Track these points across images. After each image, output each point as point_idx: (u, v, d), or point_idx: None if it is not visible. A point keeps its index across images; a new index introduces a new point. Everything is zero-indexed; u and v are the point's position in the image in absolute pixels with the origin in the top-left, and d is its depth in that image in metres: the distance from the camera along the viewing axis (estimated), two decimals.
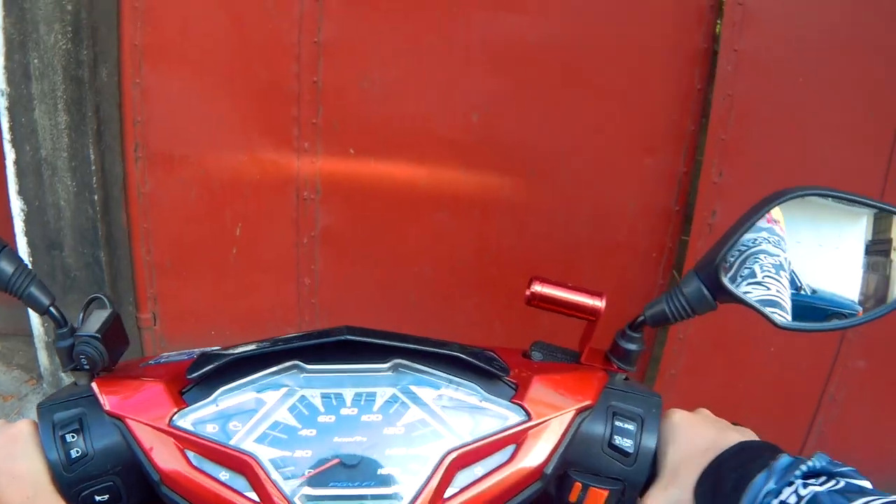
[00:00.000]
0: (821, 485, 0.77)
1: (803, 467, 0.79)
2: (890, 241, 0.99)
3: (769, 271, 0.95)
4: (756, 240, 0.95)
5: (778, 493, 0.79)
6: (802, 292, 0.98)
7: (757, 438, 0.92)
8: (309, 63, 3.04)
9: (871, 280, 0.99)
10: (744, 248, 0.95)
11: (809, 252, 0.98)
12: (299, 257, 3.34)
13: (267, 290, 3.44)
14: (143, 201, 3.12)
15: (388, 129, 3.12)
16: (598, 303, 1.01)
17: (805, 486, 0.77)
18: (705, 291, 0.94)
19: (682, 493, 0.90)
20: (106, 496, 0.94)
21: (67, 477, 0.92)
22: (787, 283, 0.96)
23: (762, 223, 0.94)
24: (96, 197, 3.01)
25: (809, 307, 0.98)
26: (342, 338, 0.92)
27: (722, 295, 0.94)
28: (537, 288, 1.01)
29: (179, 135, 3.11)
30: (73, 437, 0.93)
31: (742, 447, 0.89)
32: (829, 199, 0.95)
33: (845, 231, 1.00)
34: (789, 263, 0.96)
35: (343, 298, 3.45)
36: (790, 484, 0.78)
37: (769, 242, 0.95)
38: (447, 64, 3.02)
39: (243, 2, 3.00)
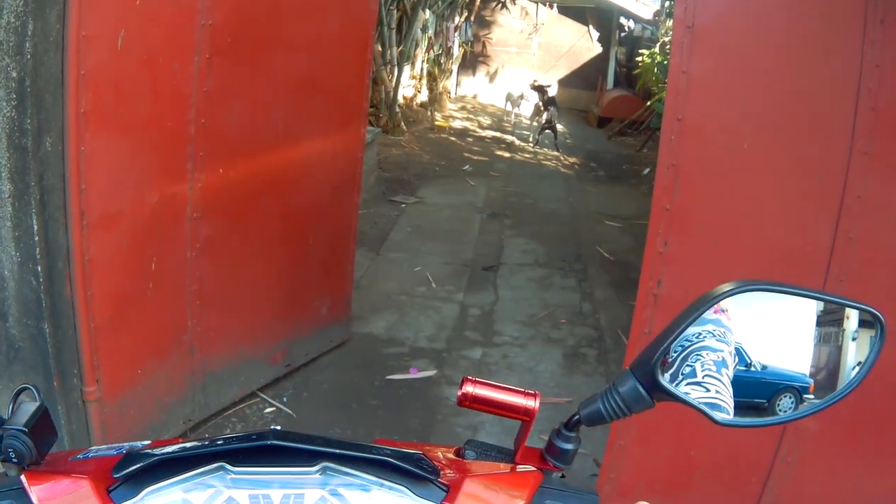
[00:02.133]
0: None
1: None
2: (840, 319, 1.00)
3: (710, 370, 0.96)
4: (700, 334, 0.96)
5: None
6: (752, 369, 0.99)
7: None
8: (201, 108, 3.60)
9: (822, 352, 1.00)
10: (687, 344, 0.96)
11: (760, 328, 0.98)
12: (189, 269, 3.81)
13: (169, 306, 3.79)
14: (88, 268, 3.14)
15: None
16: (532, 403, 1.03)
17: None
18: (642, 391, 0.96)
19: None
20: None
21: None
22: (728, 383, 0.96)
23: (708, 315, 0.95)
24: (40, 268, 2.97)
25: (760, 383, 0.99)
26: (267, 443, 0.92)
27: (659, 394, 0.96)
28: (469, 389, 1.05)
29: (114, 194, 3.26)
30: None
31: None
32: (771, 293, 0.96)
33: (795, 306, 1.00)
34: (735, 355, 0.97)
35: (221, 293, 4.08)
36: None
37: (713, 336, 0.96)
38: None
39: (158, 63, 3.36)
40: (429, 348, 5.56)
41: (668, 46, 13.91)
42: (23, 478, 0.96)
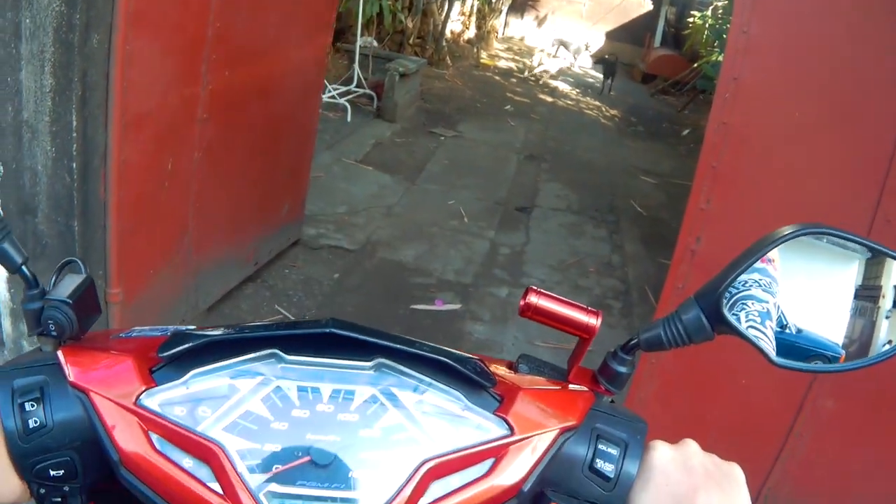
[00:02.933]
0: None
1: None
2: (879, 288, 0.97)
3: (754, 320, 0.93)
4: (746, 282, 0.93)
5: None
6: (787, 331, 0.96)
7: (729, 500, 0.90)
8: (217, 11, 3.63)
9: (857, 325, 0.98)
10: (733, 291, 0.93)
11: (799, 291, 0.97)
12: (195, 170, 3.85)
13: (178, 207, 3.86)
14: (123, 169, 3.16)
15: None
16: (594, 321, 0.98)
17: None
18: (704, 321, 0.92)
19: None
20: (61, 471, 0.89)
21: (23, 447, 0.87)
22: (771, 336, 0.94)
23: (756, 263, 0.92)
24: (75, 164, 2.96)
25: (792, 346, 0.97)
26: (327, 330, 0.88)
27: (721, 326, 0.92)
28: (532, 299, 0.99)
29: (147, 94, 3.29)
30: (32, 405, 0.88)
31: None
32: (833, 237, 0.93)
33: (837, 274, 0.99)
34: (777, 308, 0.95)
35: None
36: None
37: (759, 286, 0.94)
38: None
39: None
40: (456, 282, 5.56)
41: (720, 10, 13.76)
42: (59, 353, 0.91)
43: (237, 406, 0.86)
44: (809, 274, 0.98)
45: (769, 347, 0.92)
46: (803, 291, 0.97)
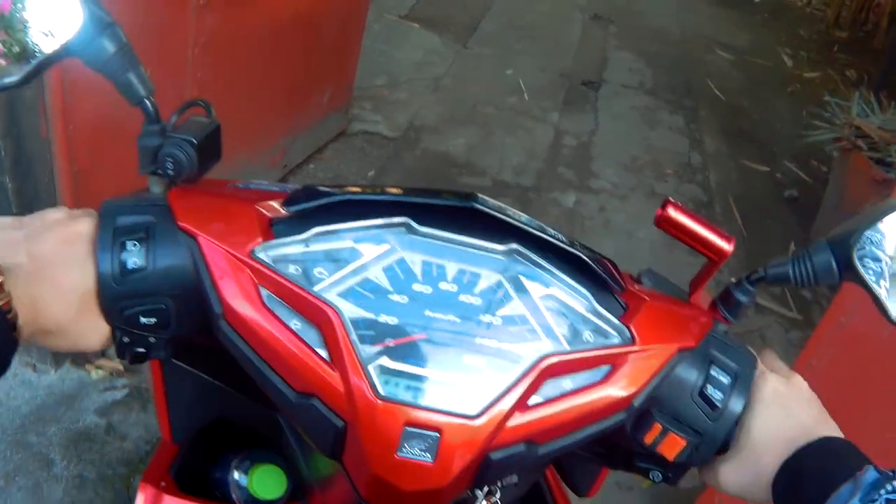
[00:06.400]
0: None
1: (891, 485, 0.74)
2: None
3: (879, 274, 0.90)
4: (876, 237, 0.90)
5: None
6: None
7: (840, 435, 0.88)
8: None
9: None
10: (864, 241, 0.90)
11: None
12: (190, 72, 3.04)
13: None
14: (68, 92, 2.32)
15: None
16: (727, 245, 0.96)
17: None
18: (834, 266, 0.90)
19: (758, 479, 0.88)
20: (153, 319, 0.84)
21: (116, 289, 0.82)
22: (885, 293, 0.90)
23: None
24: None
25: None
26: (469, 204, 0.85)
27: (847, 273, 0.90)
28: (670, 211, 0.95)
29: None
30: (134, 245, 0.82)
31: (827, 445, 0.85)
32: None
33: None
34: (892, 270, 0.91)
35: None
36: (874, 501, 0.74)
37: (874, 245, 0.90)
38: None
39: None
40: (514, 184, 4.72)
41: None
42: (171, 193, 0.87)
43: (357, 272, 0.84)
44: None
45: (891, 305, 0.90)
46: None
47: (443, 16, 6.92)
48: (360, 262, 0.84)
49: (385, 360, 0.80)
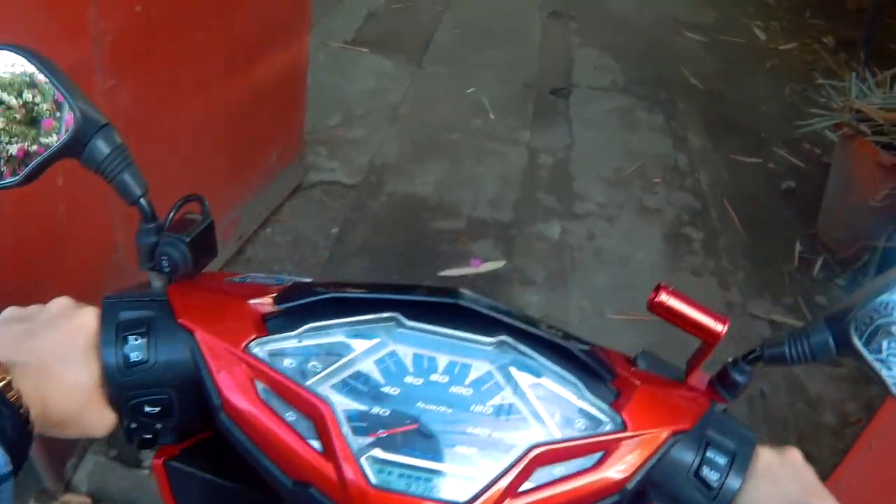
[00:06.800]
0: None
1: None
2: None
3: (894, 351, 0.87)
4: (889, 304, 0.87)
5: None
6: None
7: None
8: None
9: None
10: (875, 315, 0.88)
11: None
12: None
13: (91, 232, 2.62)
14: None
15: None
16: (721, 327, 0.96)
17: None
18: (832, 344, 0.90)
19: None
20: (157, 409, 0.90)
21: (121, 381, 0.88)
22: (886, 369, 0.88)
23: None
24: None
25: None
26: (454, 301, 0.89)
27: (846, 350, 0.90)
28: (664, 297, 0.96)
29: None
30: (136, 339, 0.87)
31: None
32: None
33: None
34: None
35: None
36: None
37: (873, 321, 0.87)
38: None
39: None
40: (492, 220, 4.29)
41: None
42: (170, 290, 0.93)
43: (349, 365, 0.87)
44: None
45: (892, 381, 0.88)
46: None
47: (392, 35, 6.47)
48: (351, 356, 0.87)
49: (377, 451, 0.83)
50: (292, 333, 0.88)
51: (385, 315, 0.89)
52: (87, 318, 0.88)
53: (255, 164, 3.77)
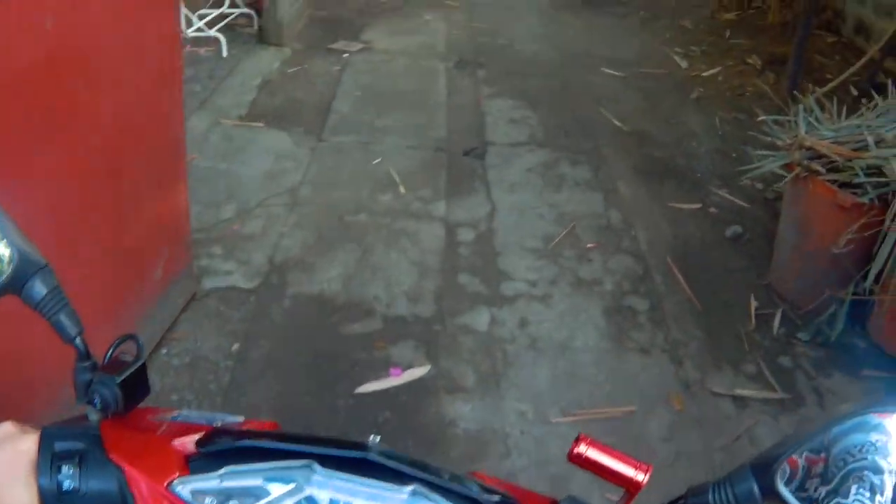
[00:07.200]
0: None
1: None
2: None
3: (862, 496, 0.84)
4: (864, 447, 0.86)
5: None
6: None
7: None
8: None
9: None
10: (849, 459, 0.87)
11: None
12: None
13: None
14: None
15: None
16: (641, 476, 0.96)
17: None
18: (756, 493, 0.89)
19: None
20: None
21: None
22: None
23: (874, 418, 0.88)
24: None
25: None
26: (365, 456, 0.91)
27: (771, 498, 0.88)
28: (582, 448, 0.98)
29: None
30: (69, 469, 0.92)
31: None
32: None
33: None
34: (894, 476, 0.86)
35: None
36: None
37: (876, 451, 0.86)
38: None
39: None
40: (411, 317, 3.76)
41: None
42: (103, 426, 0.97)
43: None
44: None
45: None
46: None
47: (289, 104, 5.97)
48: (269, 499, 0.89)
49: None
50: (213, 474, 0.90)
51: (301, 462, 0.90)
52: (29, 444, 0.93)
53: (139, 284, 3.23)
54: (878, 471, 0.85)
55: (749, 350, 3.74)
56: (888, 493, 0.85)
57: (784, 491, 0.86)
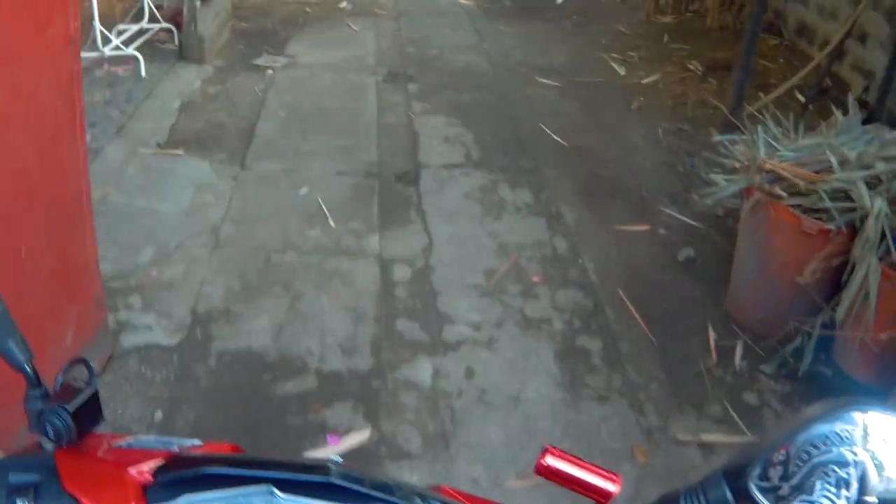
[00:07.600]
0: None
1: None
2: None
3: (829, 490, 0.82)
4: (827, 438, 0.84)
5: None
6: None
7: None
8: None
9: None
10: (814, 452, 0.84)
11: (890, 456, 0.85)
12: None
13: None
14: None
15: None
16: (612, 487, 0.97)
17: None
18: (729, 497, 0.86)
19: None
20: None
21: None
22: None
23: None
24: None
25: None
26: (327, 480, 0.89)
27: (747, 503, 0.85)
28: (549, 460, 0.98)
29: None
30: (23, 502, 0.90)
31: None
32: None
33: None
34: (859, 471, 0.83)
35: None
36: None
37: (842, 442, 0.84)
38: None
39: None
40: (347, 372, 3.44)
41: None
42: (56, 457, 0.95)
43: None
44: None
45: None
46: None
47: (210, 129, 5.62)
48: None
49: None
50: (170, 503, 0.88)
51: (260, 487, 0.88)
52: None
53: (51, 354, 2.85)
54: (843, 464, 0.83)
55: (712, 387, 3.50)
56: (854, 486, 0.82)
57: (759, 496, 0.84)
